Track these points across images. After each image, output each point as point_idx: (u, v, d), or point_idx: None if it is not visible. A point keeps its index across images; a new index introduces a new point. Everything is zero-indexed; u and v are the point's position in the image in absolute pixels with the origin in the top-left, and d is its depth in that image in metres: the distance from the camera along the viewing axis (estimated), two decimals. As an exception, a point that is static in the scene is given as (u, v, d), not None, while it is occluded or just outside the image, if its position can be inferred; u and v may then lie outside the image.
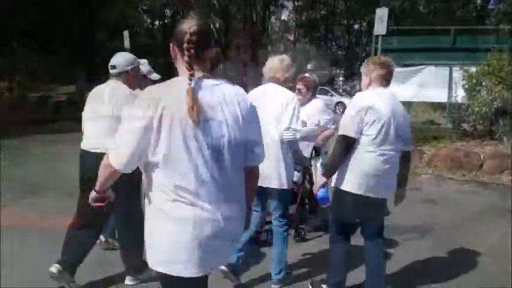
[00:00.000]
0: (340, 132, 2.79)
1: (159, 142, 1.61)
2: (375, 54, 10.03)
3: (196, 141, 1.63)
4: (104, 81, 3.13)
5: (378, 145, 2.72)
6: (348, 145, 2.74)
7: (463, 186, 6.71)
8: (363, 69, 2.96)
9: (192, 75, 1.65)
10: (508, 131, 8.78)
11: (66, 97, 22.50)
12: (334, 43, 47.44)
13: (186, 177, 1.63)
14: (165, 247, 1.67)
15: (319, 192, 3.01)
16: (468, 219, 5.09)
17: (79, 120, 3.25)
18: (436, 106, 21.63)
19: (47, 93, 20.52)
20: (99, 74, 2.98)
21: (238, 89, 1.80)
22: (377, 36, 9.75)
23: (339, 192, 2.82)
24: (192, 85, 1.63)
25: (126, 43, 13.49)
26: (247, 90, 2.20)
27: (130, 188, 2.86)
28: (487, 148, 8.20)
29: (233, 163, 1.72)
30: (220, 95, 1.71)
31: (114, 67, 3.10)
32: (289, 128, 2.97)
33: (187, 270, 1.66)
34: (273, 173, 2.99)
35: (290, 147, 3.02)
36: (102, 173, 1.79)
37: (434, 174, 7.44)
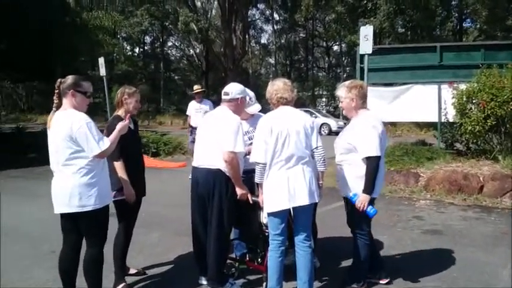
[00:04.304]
0: (373, 153, 3.31)
1: None
2: (361, 73, 9.68)
3: None
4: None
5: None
6: (378, 162, 3.36)
7: (466, 212, 6.22)
8: (345, 93, 3.50)
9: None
10: (503, 149, 8.43)
11: (42, 128, 21.70)
12: (314, 65, 47.71)
13: None
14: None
15: (369, 209, 3.34)
16: (479, 251, 4.58)
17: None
18: (422, 125, 21.54)
19: (21, 125, 19.60)
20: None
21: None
22: (362, 55, 9.38)
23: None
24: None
25: (102, 71, 12.90)
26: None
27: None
28: (484, 169, 7.79)
29: None
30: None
31: (226, 94, 3.58)
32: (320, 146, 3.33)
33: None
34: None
35: (324, 163, 3.34)
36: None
37: (433, 199, 6.96)
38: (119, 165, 3.57)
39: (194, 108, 9.35)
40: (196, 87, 9.61)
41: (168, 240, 4.98)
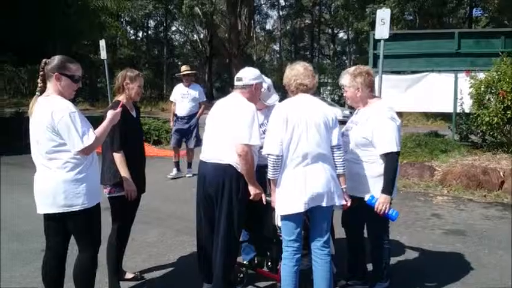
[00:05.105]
0: (393, 149, 2.96)
1: None
2: (375, 60, 9.24)
3: None
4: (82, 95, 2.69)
5: None
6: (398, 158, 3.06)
7: (488, 210, 5.81)
8: (349, 82, 3.12)
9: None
10: (523, 142, 8.01)
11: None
12: (319, 52, 47.01)
13: None
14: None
15: (391, 212, 3.00)
16: (508, 255, 4.19)
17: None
18: (429, 115, 21.01)
19: (21, 109, 19.19)
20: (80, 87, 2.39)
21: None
22: (376, 40, 8.90)
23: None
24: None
25: (103, 54, 12.42)
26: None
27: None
28: (503, 163, 7.37)
29: None
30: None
31: (239, 79, 3.13)
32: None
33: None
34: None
35: (344, 165, 2.97)
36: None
37: (451, 195, 6.56)
38: (119, 157, 3.17)
39: (180, 93, 7.71)
40: (185, 68, 7.87)
41: (169, 239, 4.59)
